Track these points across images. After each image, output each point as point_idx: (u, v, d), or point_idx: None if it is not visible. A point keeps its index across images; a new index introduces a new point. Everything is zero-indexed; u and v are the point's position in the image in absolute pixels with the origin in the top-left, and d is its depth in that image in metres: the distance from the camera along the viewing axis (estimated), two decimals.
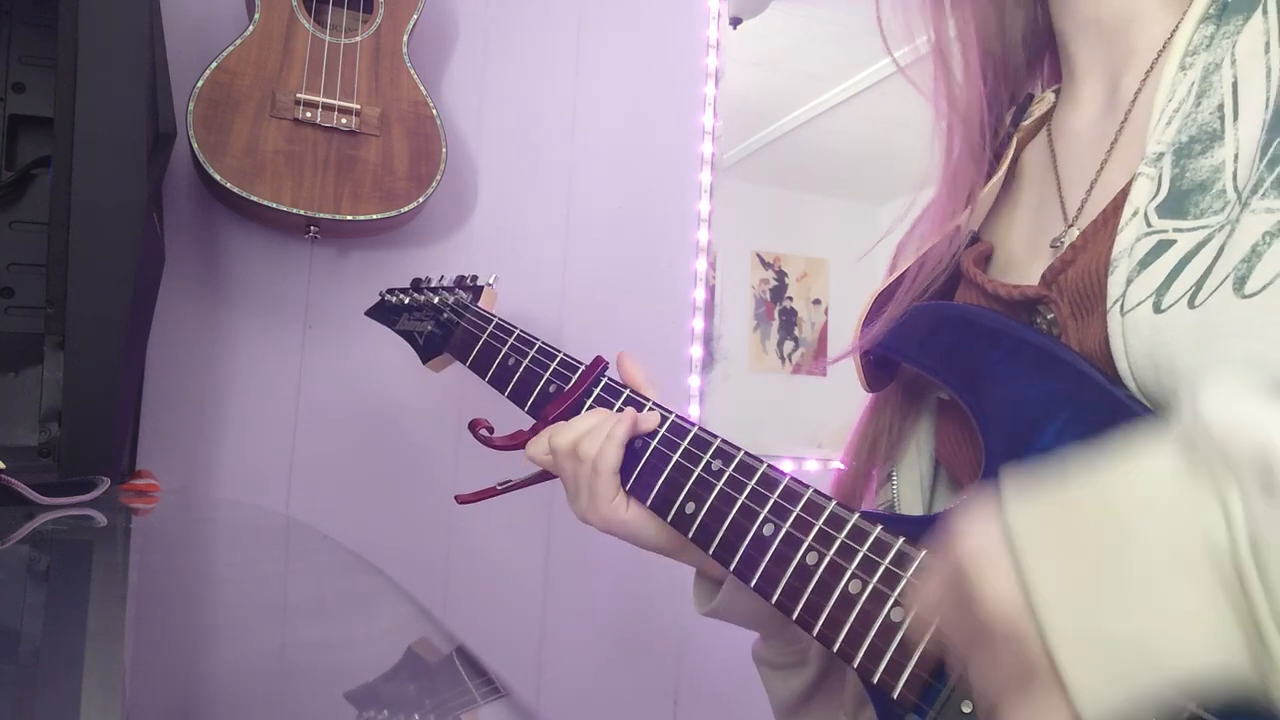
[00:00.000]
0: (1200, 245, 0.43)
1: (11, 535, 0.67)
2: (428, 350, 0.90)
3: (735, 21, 1.61)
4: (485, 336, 0.81)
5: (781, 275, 1.62)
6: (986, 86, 0.63)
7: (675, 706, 1.47)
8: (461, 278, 0.93)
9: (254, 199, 1.16)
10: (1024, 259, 0.58)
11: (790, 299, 1.62)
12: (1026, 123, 0.62)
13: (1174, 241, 0.45)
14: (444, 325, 0.88)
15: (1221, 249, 0.42)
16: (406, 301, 0.96)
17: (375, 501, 1.32)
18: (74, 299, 0.84)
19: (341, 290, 1.33)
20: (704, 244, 1.54)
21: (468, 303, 0.87)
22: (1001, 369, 0.50)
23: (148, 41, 0.88)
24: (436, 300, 0.91)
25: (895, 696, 0.46)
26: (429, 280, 0.97)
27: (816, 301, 1.63)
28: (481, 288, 0.90)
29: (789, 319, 1.61)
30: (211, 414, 1.26)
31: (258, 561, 0.77)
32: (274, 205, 1.17)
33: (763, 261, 1.61)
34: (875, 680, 0.47)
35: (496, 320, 0.81)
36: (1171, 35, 0.52)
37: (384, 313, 0.99)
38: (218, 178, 1.15)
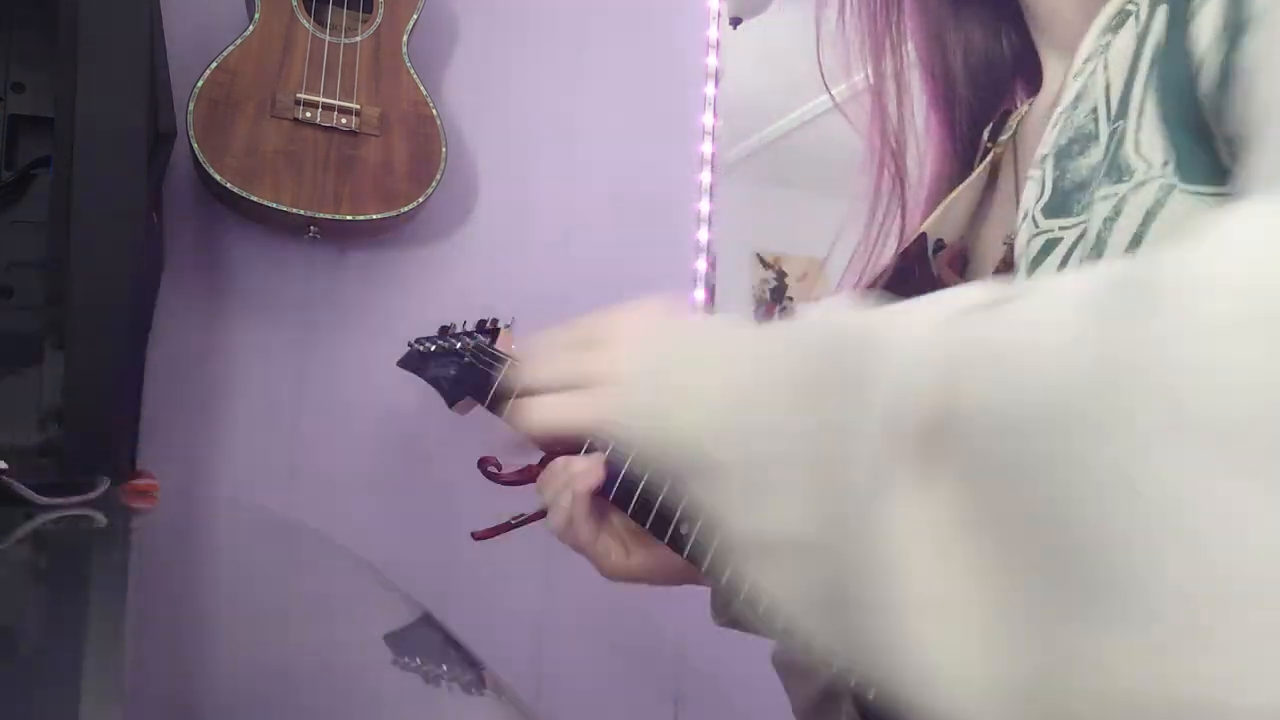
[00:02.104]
0: (1080, 238, 0.45)
1: (11, 535, 0.67)
2: (452, 395, 0.95)
3: (735, 21, 1.61)
4: (499, 377, 0.84)
5: (781, 275, 1.62)
6: (940, 119, 0.64)
7: (676, 708, 1.47)
8: (482, 321, 0.99)
9: (254, 199, 1.16)
10: (988, 257, 0.60)
11: (790, 299, 1.62)
12: (1004, 138, 0.64)
13: (1060, 239, 0.46)
14: (465, 369, 0.92)
15: (1078, 242, 0.44)
16: (432, 349, 1.01)
17: (375, 501, 1.32)
18: (74, 299, 0.84)
19: (341, 290, 1.33)
20: (704, 244, 1.54)
21: (486, 345, 0.91)
22: None
23: (148, 41, 0.88)
24: (459, 345, 0.95)
25: (871, 696, 0.48)
26: (453, 326, 1.02)
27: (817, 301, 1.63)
28: (498, 330, 0.93)
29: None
30: (211, 414, 1.26)
31: (258, 562, 0.77)
32: (274, 205, 1.17)
33: (763, 262, 1.61)
34: (853, 681, 0.49)
35: (510, 360, 0.84)
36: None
37: (413, 362, 1.05)
38: (218, 178, 1.14)
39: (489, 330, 0.96)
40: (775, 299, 1.61)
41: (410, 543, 1.34)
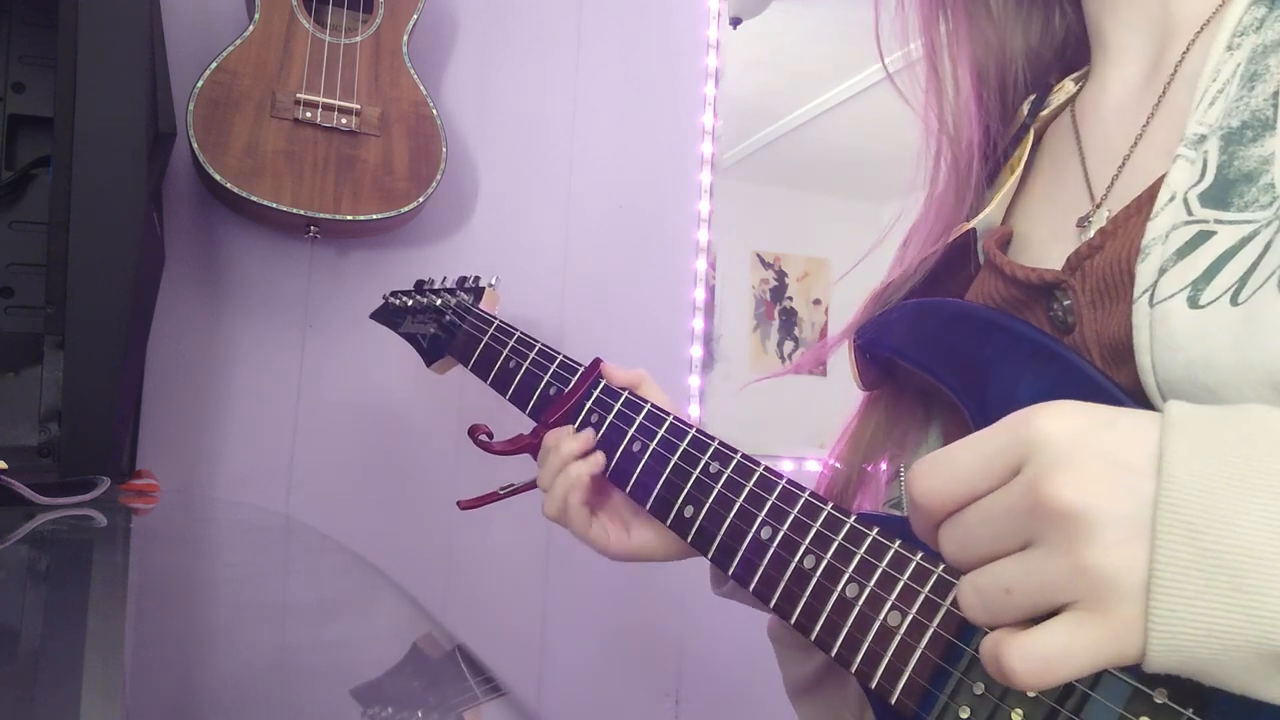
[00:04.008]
0: (1245, 240, 0.42)
1: (11, 535, 0.67)
2: (431, 353, 0.90)
3: (735, 21, 1.61)
4: (486, 339, 0.80)
5: (781, 275, 1.62)
6: (979, 105, 0.62)
7: (676, 707, 1.47)
8: (463, 279, 0.93)
9: (254, 199, 1.16)
10: (1045, 240, 0.56)
11: (790, 299, 1.62)
12: (1045, 112, 0.61)
13: (1214, 233, 0.43)
14: (447, 328, 0.88)
15: (1269, 246, 0.40)
16: (410, 304, 0.96)
17: (375, 501, 1.32)
18: (74, 299, 0.84)
19: (341, 290, 1.33)
20: (704, 244, 1.54)
21: (469, 304, 0.87)
22: (996, 365, 0.49)
23: (148, 41, 0.88)
24: (439, 302, 0.91)
25: (893, 702, 0.45)
26: (431, 282, 0.97)
27: (816, 301, 1.63)
28: (483, 289, 0.90)
29: (789, 319, 1.61)
30: (211, 414, 1.26)
31: (258, 561, 0.77)
32: (274, 205, 1.17)
33: (763, 261, 1.61)
34: (873, 685, 0.46)
35: (498, 322, 0.81)
36: (1218, 10, 0.50)
37: (387, 315, 0.99)
38: (218, 178, 1.14)
39: (472, 289, 0.91)
40: (775, 299, 1.61)
41: (410, 542, 1.34)
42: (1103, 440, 0.32)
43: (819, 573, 0.51)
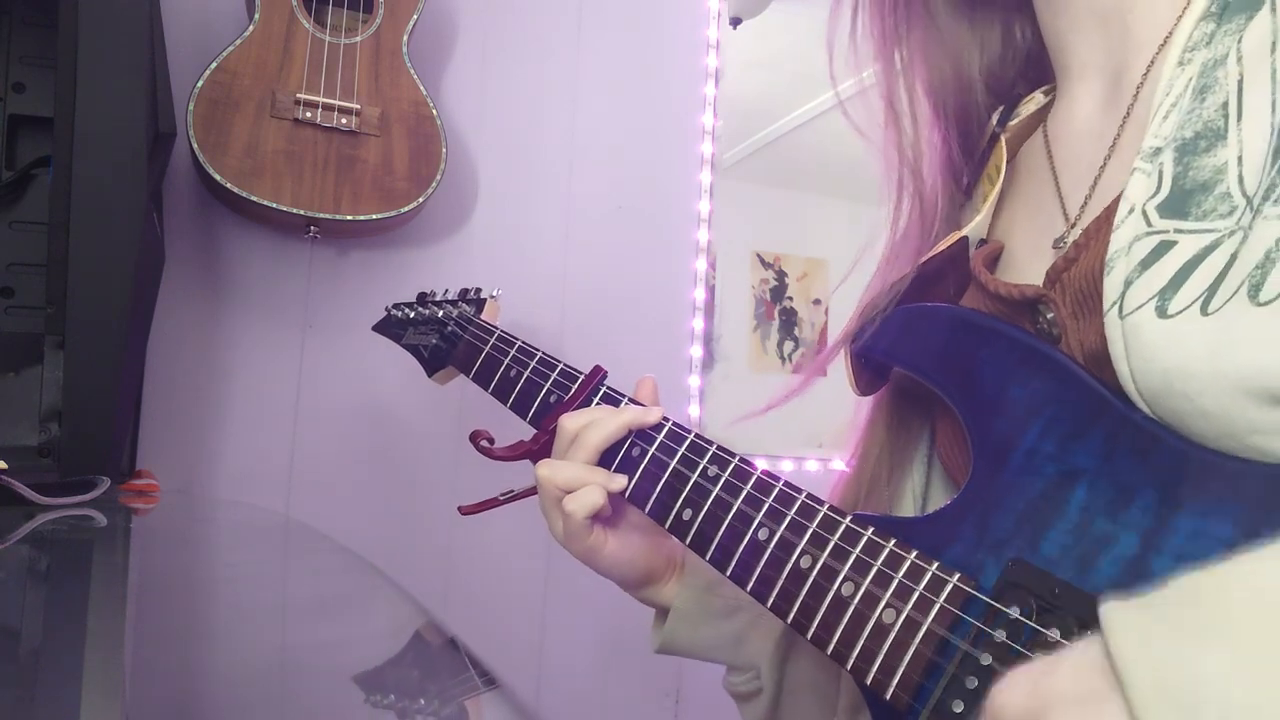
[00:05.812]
0: (1208, 250, 0.42)
1: (11, 535, 0.67)
2: (433, 363, 0.91)
3: (735, 21, 1.61)
4: (488, 349, 0.82)
5: (781, 275, 1.62)
6: (940, 135, 0.62)
7: (676, 706, 1.47)
8: (465, 290, 0.95)
9: (254, 199, 1.16)
10: (1026, 259, 0.57)
11: (790, 299, 1.62)
12: (1014, 123, 0.61)
13: (1175, 243, 0.43)
14: (448, 338, 0.90)
15: (1234, 255, 0.41)
16: (411, 315, 0.98)
17: (375, 501, 1.32)
18: (74, 299, 0.84)
19: (341, 290, 1.33)
20: (704, 244, 1.54)
21: (471, 315, 0.89)
22: (988, 369, 0.50)
23: (148, 41, 0.88)
24: (440, 314, 0.93)
25: (888, 697, 0.46)
26: (433, 293, 0.99)
27: (816, 301, 1.63)
28: (484, 300, 0.91)
29: (789, 319, 1.61)
30: (211, 414, 1.27)
31: (258, 561, 0.77)
32: (274, 205, 1.17)
33: (763, 261, 1.61)
34: (869, 681, 0.47)
35: (499, 332, 0.82)
36: (1173, 29, 0.51)
37: (389, 327, 1.01)
38: (218, 178, 1.15)
39: (473, 300, 0.93)
40: (775, 299, 1.61)
41: (410, 542, 1.34)
42: (1055, 692, 0.33)
43: (815, 572, 0.52)
